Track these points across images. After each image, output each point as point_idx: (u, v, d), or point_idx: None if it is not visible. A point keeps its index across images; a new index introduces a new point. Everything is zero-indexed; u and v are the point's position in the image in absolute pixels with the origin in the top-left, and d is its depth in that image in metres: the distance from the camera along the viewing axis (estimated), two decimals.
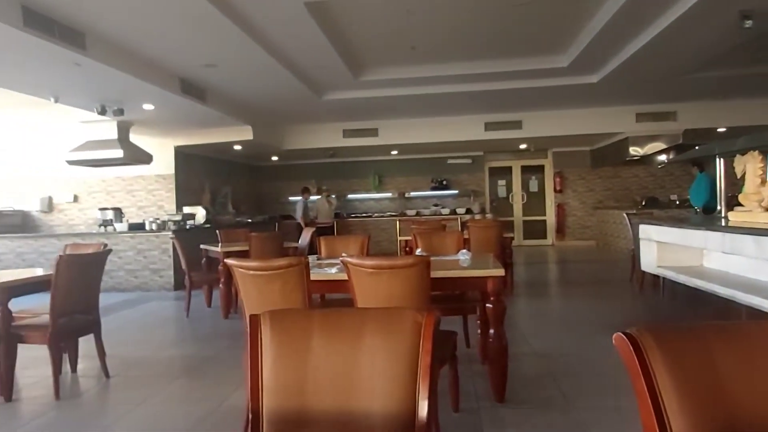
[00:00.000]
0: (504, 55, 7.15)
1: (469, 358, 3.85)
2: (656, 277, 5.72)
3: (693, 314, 5.20)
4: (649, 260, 4.73)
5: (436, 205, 13.08)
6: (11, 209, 9.71)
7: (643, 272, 5.69)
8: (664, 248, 4.54)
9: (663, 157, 10.97)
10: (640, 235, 4.93)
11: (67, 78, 5.81)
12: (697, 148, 6.77)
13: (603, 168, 12.83)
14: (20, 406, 3.31)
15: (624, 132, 10.46)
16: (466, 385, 3.25)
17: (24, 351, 3.51)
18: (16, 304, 3.47)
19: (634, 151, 10.50)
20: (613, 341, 1.02)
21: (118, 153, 7.87)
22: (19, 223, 9.71)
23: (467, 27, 5.98)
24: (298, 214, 10.83)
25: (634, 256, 6.38)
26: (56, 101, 6.59)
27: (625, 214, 7.45)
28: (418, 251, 3.99)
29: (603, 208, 12.45)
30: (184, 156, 10.07)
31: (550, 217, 13.37)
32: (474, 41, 6.51)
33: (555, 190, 13.19)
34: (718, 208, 4.89)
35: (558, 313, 5.74)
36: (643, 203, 11.19)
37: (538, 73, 7.64)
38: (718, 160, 4.81)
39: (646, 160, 11.20)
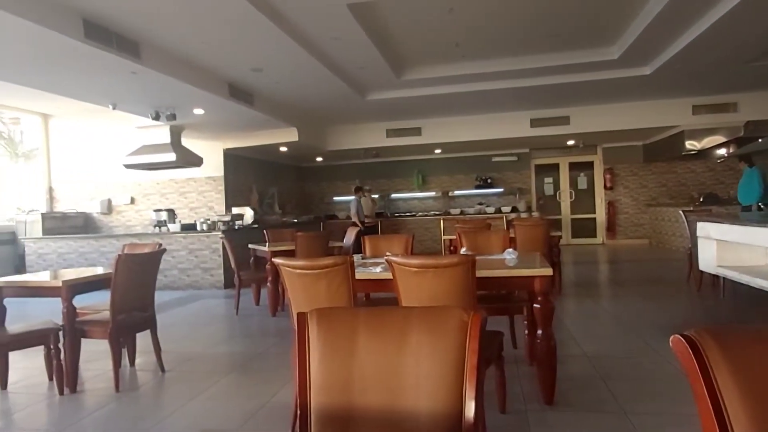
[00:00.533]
0: (550, 49, 6.98)
1: (516, 359, 3.78)
2: (716, 277, 5.44)
3: (757, 317, 4.90)
4: (708, 259, 4.51)
5: (480, 204, 12.91)
6: (74, 211, 10.29)
7: (701, 272, 5.43)
8: (724, 247, 4.32)
9: (722, 151, 10.40)
10: (698, 233, 4.71)
11: (124, 86, 6.10)
12: (760, 140, 6.40)
13: (656, 163, 12.30)
14: (84, 397, 3.50)
15: (679, 125, 9.98)
16: (513, 386, 3.20)
17: (87, 345, 3.71)
18: (79, 301, 3.67)
19: (691, 145, 10.00)
20: (670, 343, 0.98)
21: (171, 156, 8.19)
22: (81, 225, 10.27)
23: (511, 21, 5.87)
24: (352, 212, 10.78)
25: (692, 255, 6.09)
26: (114, 108, 6.93)
27: (681, 212, 7.11)
28: (462, 250, 3.95)
29: (657, 205, 11.94)
30: (232, 158, 10.38)
31: (600, 215, 12.95)
32: (518, 36, 6.38)
33: (605, 187, 12.75)
34: None
35: (609, 314, 5.54)
36: (701, 200, 10.64)
37: (587, 66, 7.41)
38: None
39: (704, 154, 10.65)
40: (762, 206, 7.43)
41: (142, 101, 6.93)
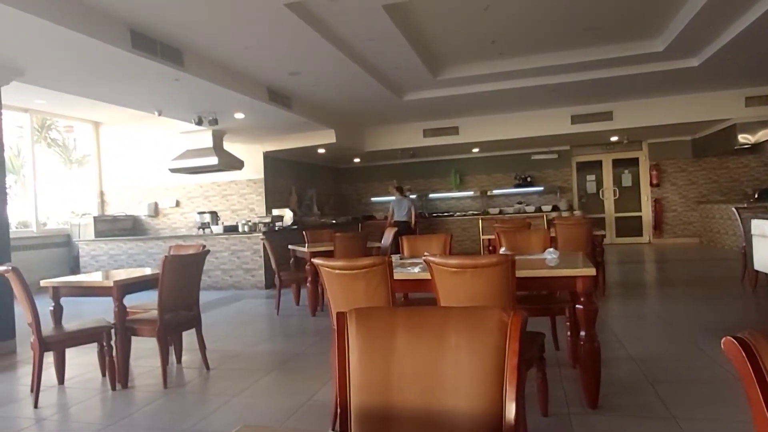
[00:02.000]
0: (591, 44, 6.80)
1: (558, 362, 3.70)
2: None
3: None
4: (764, 259, 4.28)
5: (520, 203, 12.69)
6: (124, 214, 10.73)
7: (757, 272, 5.16)
8: None
9: None
10: (753, 231, 4.48)
11: (168, 93, 6.32)
12: None
13: (706, 158, 11.79)
14: (135, 392, 3.64)
15: (731, 118, 9.52)
16: (555, 389, 3.13)
17: (136, 343, 3.87)
18: (129, 300, 3.82)
19: (744, 138, 9.52)
20: (722, 345, 0.94)
21: (214, 160, 8.43)
22: (130, 227, 10.70)
23: (548, 16, 5.75)
24: (412, 212, 10.46)
25: (746, 255, 5.81)
26: (160, 114, 7.20)
27: (734, 209, 6.79)
28: (502, 250, 3.90)
29: (707, 202, 11.43)
30: (272, 161, 10.59)
31: (646, 213, 12.51)
32: (556, 30, 6.25)
33: (651, 184, 12.31)
34: None
35: (656, 316, 5.34)
36: (756, 196, 10.11)
37: (630, 59, 7.18)
38: None
39: (758, 148, 10.13)
40: None
41: (186, 107, 7.16)
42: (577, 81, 7.89)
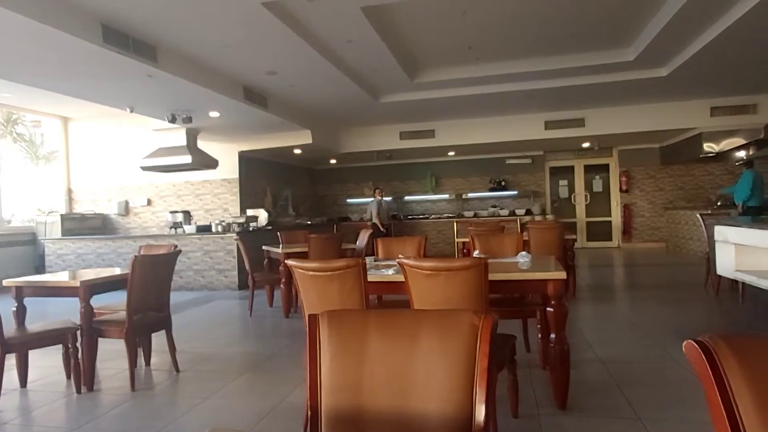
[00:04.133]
0: (565, 51, 6.94)
1: (528, 363, 3.75)
2: (734, 282, 5.35)
3: None
4: (726, 264, 4.42)
5: (494, 207, 12.85)
6: (93, 213, 10.46)
7: (719, 277, 5.33)
8: (743, 251, 4.23)
9: (741, 154, 10.24)
10: (716, 237, 4.62)
11: (141, 89, 6.19)
12: None
13: (673, 166, 12.14)
14: (101, 395, 3.55)
15: (697, 127, 9.84)
16: (526, 390, 3.17)
17: (104, 345, 3.77)
18: (96, 301, 3.73)
19: (709, 147, 9.85)
20: (684, 349, 0.97)
21: (187, 159, 8.29)
22: (99, 226, 10.44)
23: (524, 23, 5.85)
24: (373, 214, 10.62)
25: (709, 260, 5.99)
26: (132, 111, 7.05)
27: (698, 215, 7.01)
28: (475, 253, 3.94)
29: (674, 208, 11.78)
30: (247, 161, 10.47)
31: (616, 218, 12.81)
32: (532, 37, 6.36)
33: (621, 190, 12.62)
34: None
35: (624, 319, 5.47)
36: (719, 203, 10.47)
37: (602, 68, 7.35)
38: None
39: (722, 156, 10.49)
40: (745, 207, 7.52)
41: (159, 104, 7.02)
42: (551, 87, 8.04)
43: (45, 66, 5.24)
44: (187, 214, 9.51)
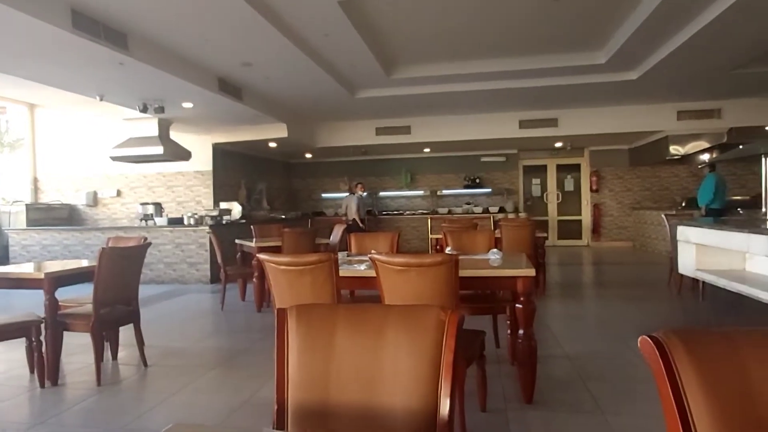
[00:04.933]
0: (540, 52, 7.04)
1: (498, 359, 3.83)
2: (696, 280, 5.54)
3: (734, 321, 5.00)
4: (688, 263, 4.59)
5: (468, 204, 12.98)
6: (59, 203, 10.16)
7: (681, 275, 5.52)
8: (703, 251, 4.40)
9: (705, 157, 10.58)
10: (678, 237, 4.79)
11: (111, 77, 6.04)
12: (741, 147, 6.52)
13: (641, 167, 12.47)
14: (65, 390, 3.48)
15: (664, 130, 10.14)
16: (495, 385, 3.24)
17: (69, 338, 3.69)
18: (62, 294, 3.64)
19: (675, 150, 10.16)
20: (638, 344, 1.01)
21: (159, 150, 8.13)
22: (66, 217, 10.16)
23: (501, 23, 5.92)
24: (353, 210, 10.52)
25: (672, 259, 6.19)
26: (101, 99, 6.86)
27: (663, 215, 7.23)
28: (448, 249, 3.99)
29: (640, 208, 12.10)
30: (221, 153, 10.33)
31: (586, 217, 13.09)
32: (508, 37, 6.43)
33: (591, 190, 12.89)
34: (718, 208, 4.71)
35: (591, 316, 5.62)
36: (683, 204, 10.82)
37: (575, 69, 7.49)
38: (764, 159, 4.63)
39: (687, 159, 10.82)
40: (708, 209, 7.79)
41: (130, 93, 6.86)
42: (526, 87, 8.15)
43: (11, 51, 5.07)
44: (159, 206, 9.33)
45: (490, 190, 13.08)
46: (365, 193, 11.09)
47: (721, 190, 7.90)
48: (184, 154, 8.70)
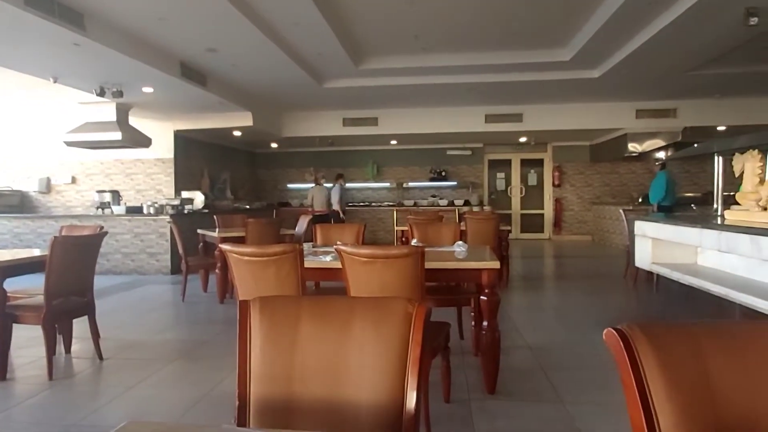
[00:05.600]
0: (506, 47, 7.12)
1: (462, 350, 3.87)
2: (651, 273, 5.74)
3: (686, 312, 5.22)
4: (644, 257, 4.74)
5: (434, 196, 13.07)
6: (9, 189, 9.68)
7: (637, 268, 5.71)
8: (658, 245, 4.55)
9: (661, 154, 10.98)
10: (636, 232, 4.94)
11: (66, 58, 5.76)
12: (695, 145, 6.76)
13: (601, 163, 12.83)
14: (14, 385, 3.32)
15: (623, 128, 10.45)
16: (458, 376, 3.27)
17: (19, 331, 3.52)
18: (12, 284, 3.47)
19: (633, 147, 10.50)
20: (603, 336, 1.02)
21: (117, 135, 7.83)
22: (17, 204, 9.69)
23: (469, 17, 5.94)
24: (335, 199, 10.44)
25: (629, 253, 6.40)
26: (55, 81, 6.54)
27: (621, 210, 7.47)
28: (413, 242, 3.99)
29: (600, 203, 12.46)
30: (183, 141, 10.04)
31: (548, 211, 13.38)
32: (477, 32, 6.47)
33: (553, 184, 13.18)
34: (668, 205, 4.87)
35: (552, 308, 5.76)
36: (640, 200, 11.20)
37: (540, 66, 7.61)
38: (716, 158, 4.81)
39: (645, 156, 11.21)
40: (659, 206, 8.08)
41: (86, 75, 6.56)
42: (492, 82, 8.23)
43: None
44: (116, 194, 9.01)
45: (455, 183, 13.19)
46: (327, 185, 10.94)
47: (672, 188, 8.18)
48: (143, 141, 8.41)
